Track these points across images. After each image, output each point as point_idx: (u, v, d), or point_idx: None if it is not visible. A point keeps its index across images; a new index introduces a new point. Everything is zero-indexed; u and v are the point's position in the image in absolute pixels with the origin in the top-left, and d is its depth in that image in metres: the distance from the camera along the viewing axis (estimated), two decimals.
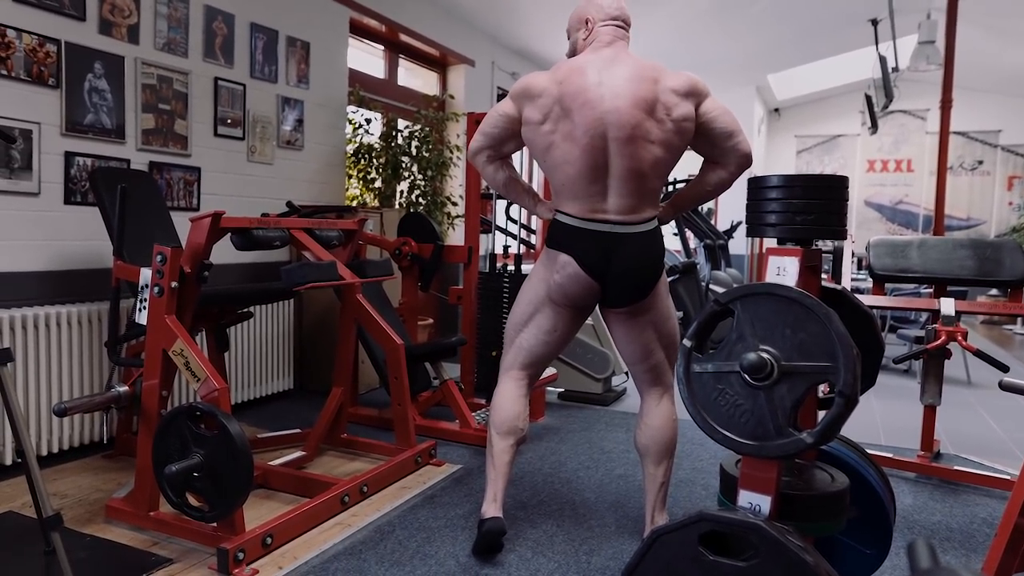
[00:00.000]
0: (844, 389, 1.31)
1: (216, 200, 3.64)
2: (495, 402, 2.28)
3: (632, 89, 2.00)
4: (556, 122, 2.04)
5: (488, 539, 2.14)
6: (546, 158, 2.10)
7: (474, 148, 2.20)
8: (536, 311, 2.22)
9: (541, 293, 2.20)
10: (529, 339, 2.25)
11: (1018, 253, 2.87)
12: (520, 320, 2.26)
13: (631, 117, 1.98)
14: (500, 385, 2.30)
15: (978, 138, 10.65)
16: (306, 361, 4.21)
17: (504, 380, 2.29)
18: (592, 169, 2.02)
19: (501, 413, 2.25)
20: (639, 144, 1.99)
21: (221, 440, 1.97)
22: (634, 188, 2.04)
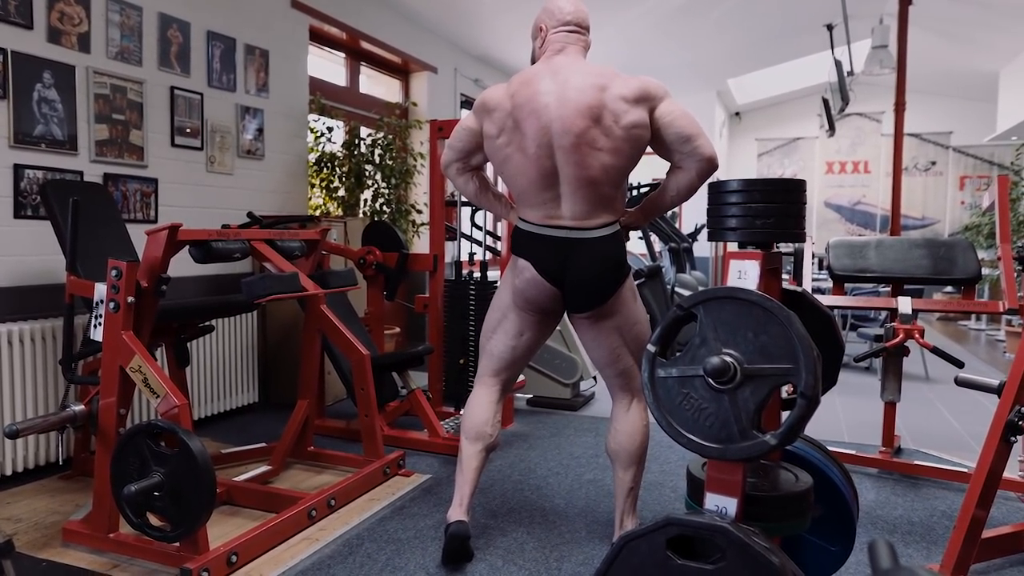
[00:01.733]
0: (806, 390, 1.33)
1: (175, 212, 3.57)
2: (466, 408, 2.32)
3: (578, 97, 2.00)
4: (510, 134, 2.07)
5: (452, 544, 2.12)
6: (503, 170, 2.15)
7: (444, 162, 2.26)
8: (504, 317, 2.25)
9: (507, 299, 2.24)
10: (498, 345, 2.27)
11: (971, 252, 2.95)
12: (491, 327, 2.29)
13: (575, 126, 1.98)
14: (473, 392, 2.34)
15: (931, 139, 10.95)
16: (271, 373, 4.14)
17: (476, 387, 2.33)
18: (543, 177, 2.05)
19: (470, 419, 2.28)
20: (585, 152, 2.00)
21: (182, 457, 1.92)
22: (586, 195, 2.05)
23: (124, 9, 3.30)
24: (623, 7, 6.19)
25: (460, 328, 3.71)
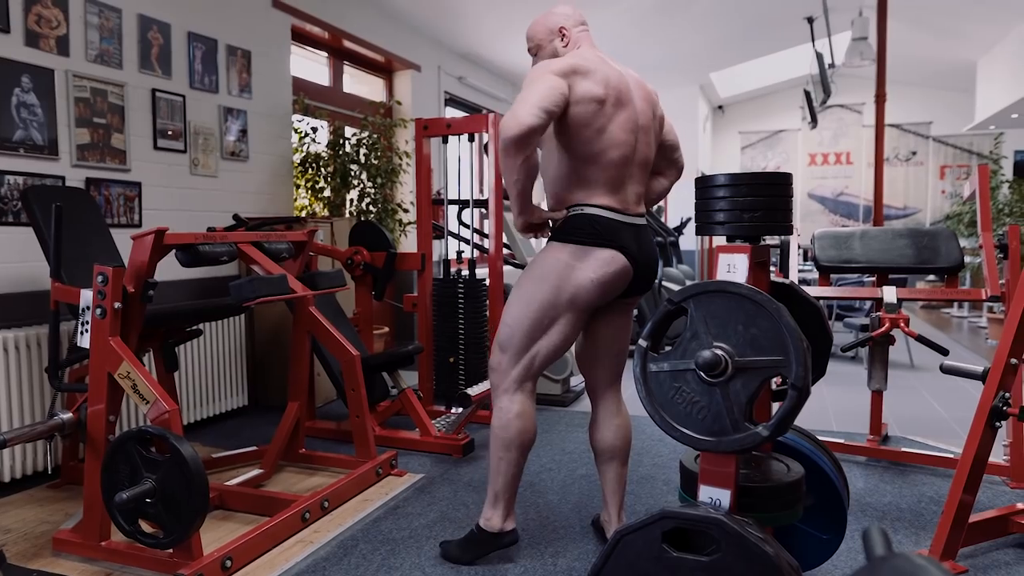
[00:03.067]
0: (796, 382, 1.34)
1: (159, 215, 3.54)
2: (517, 420, 2.08)
3: (643, 86, 2.11)
4: (614, 105, 1.98)
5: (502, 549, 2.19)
6: (593, 142, 1.97)
7: (532, 126, 1.80)
8: (557, 317, 2.03)
9: (563, 297, 2.01)
10: (549, 347, 2.07)
11: (953, 241, 2.98)
12: (535, 327, 2.04)
13: (647, 112, 2.08)
14: (517, 403, 2.09)
15: (911, 130, 11.06)
16: (260, 376, 4.12)
17: (520, 394, 2.10)
18: (627, 157, 2.03)
19: (527, 432, 2.09)
20: (650, 139, 2.11)
21: (173, 463, 1.91)
22: (643, 180, 2.14)
23: (103, 11, 3.27)
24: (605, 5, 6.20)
25: (449, 327, 3.71)
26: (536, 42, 2.18)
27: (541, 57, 2.17)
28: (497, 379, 2.12)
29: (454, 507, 2.61)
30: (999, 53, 8.25)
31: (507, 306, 2.11)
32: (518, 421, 2.08)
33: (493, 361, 2.13)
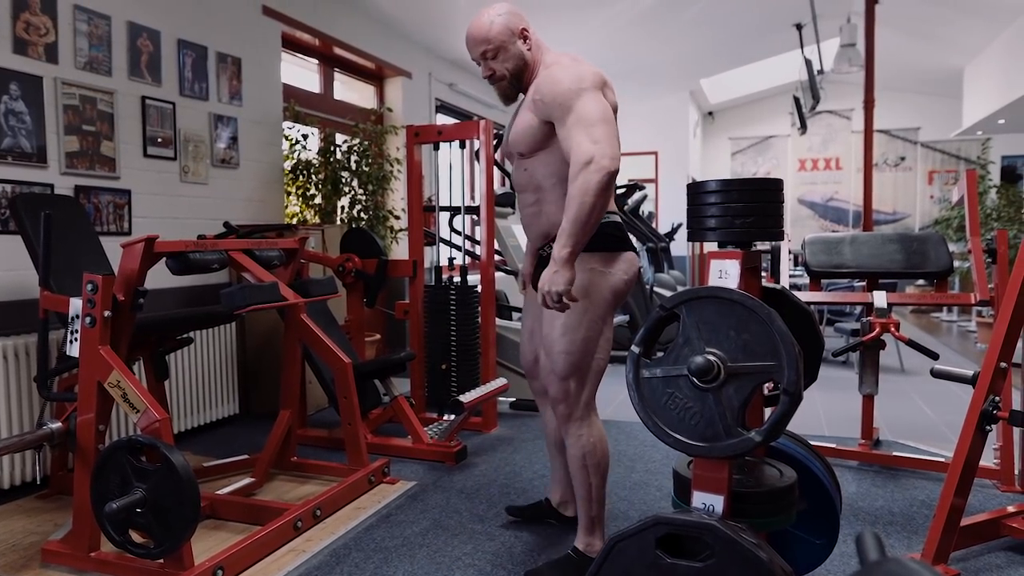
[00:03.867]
0: (788, 387, 1.34)
1: (149, 223, 3.53)
2: (601, 446, 2.06)
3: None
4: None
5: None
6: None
7: (616, 164, 1.80)
8: (604, 325, 2.02)
9: (604, 305, 2.00)
10: (602, 357, 2.05)
11: (942, 245, 3.01)
12: (591, 345, 2.00)
13: None
14: (595, 428, 2.06)
15: (900, 135, 11.15)
16: (251, 384, 4.10)
17: (592, 417, 2.07)
18: None
19: (609, 453, 2.11)
20: None
21: (164, 472, 1.90)
22: None
23: (92, 19, 3.26)
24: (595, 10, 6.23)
25: (441, 333, 3.71)
26: (496, 44, 2.00)
27: (502, 60, 2.02)
28: (568, 409, 2.03)
29: (447, 515, 2.60)
30: (985, 60, 8.34)
31: (556, 333, 1.98)
32: (602, 445, 2.06)
33: (559, 393, 2.02)
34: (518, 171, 2.10)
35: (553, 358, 2.00)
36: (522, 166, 2.06)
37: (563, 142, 1.87)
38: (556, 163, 1.98)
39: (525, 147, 2.02)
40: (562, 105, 1.87)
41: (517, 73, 2.05)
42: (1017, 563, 2.19)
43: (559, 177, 1.98)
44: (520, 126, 2.02)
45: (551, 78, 1.94)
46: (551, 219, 2.03)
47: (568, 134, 1.85)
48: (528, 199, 2.10)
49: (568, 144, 1.84)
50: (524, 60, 2.05)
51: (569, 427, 2.04)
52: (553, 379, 2.02)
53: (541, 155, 2.01)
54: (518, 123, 2.05)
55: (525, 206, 2.13)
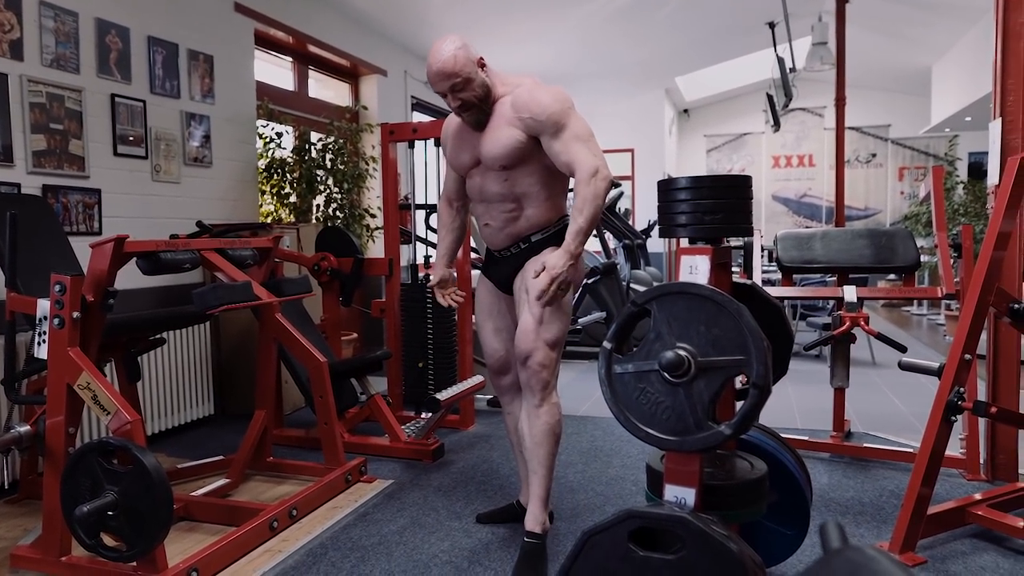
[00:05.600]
0: (757, 380, 1.37)
1: (120, 223, 3.48)
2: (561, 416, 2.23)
3: None
4: None
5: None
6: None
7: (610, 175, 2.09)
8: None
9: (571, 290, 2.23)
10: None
11: (910, 241, 3.06)
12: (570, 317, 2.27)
13: None
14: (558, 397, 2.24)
15: (871, 132, 11.31)
16: (226, 385, 4.06)
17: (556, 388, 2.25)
18: None
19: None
20: None
21: (136, 475, 1.88)
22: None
23: (59, 15, 3.20)
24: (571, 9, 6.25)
25: (418, 332, 3.70)
26: (463, 76, 2.11)
27: (470, 90, 2.13)
28: (549, 376, 2.17)
29: (424, 512, 2.60)
30: (952, 58, 8.49)
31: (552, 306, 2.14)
32: (561, 415, 2.23)
33: (546, 359, 2.15)
34: (494, 182, 2.21)
35: (546, 325, 2.15)
36: (502, 177, 2.20)
37: (559, 155, 2.07)
38: (539, 172, 2.17)
39: (509, 160, 2.15)
40: (556, 123, 2.07)
41: (484, 98, 2.17)
42: (981, 549, 2.24)
43: (542, 184, 2.19)
44: (504, 142, 2.15)
45: (536, 99, 2.10)
46: (532, 222, 2.22)
47: (566, 148, 2.06)
48: (504, 207, 2.23)
49: (568, 157, 2.05)
50: (487, 86, 2.18)
51: (546, 395, 2.18)
52: (541, 347, 2.14)
53: (525, 167, 2.17)
54: (500, 139, 2.16)
55: (499, 213, 2.24)
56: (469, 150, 2.25)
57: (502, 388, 2.42)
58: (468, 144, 2.25)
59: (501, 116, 2.16)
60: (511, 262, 2.28)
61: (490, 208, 2.25)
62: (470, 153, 2.25)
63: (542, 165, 2.16)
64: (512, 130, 2.13)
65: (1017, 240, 2.63)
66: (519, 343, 2.17)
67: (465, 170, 2.30)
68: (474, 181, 2.27)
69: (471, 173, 2.28)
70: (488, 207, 2.25)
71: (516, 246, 2.25)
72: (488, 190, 2.23)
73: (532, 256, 2.22)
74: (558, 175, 2.20)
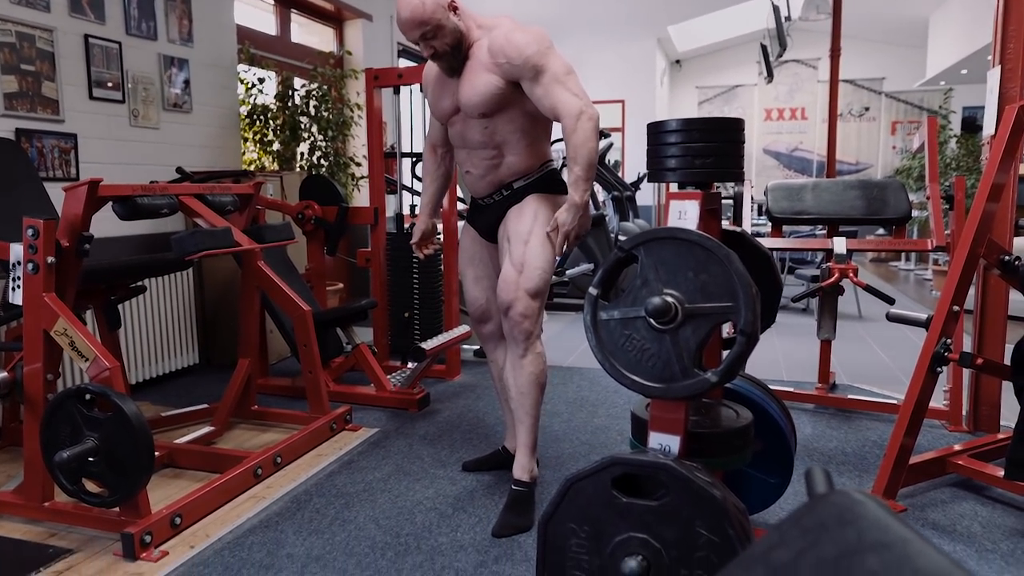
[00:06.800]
0: (745, 327, 1.34)
1: (98, 169, 3.39)
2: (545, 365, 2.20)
3: None
4: None
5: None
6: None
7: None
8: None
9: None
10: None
11: (902, 192, 3.03)
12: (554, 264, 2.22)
13: None
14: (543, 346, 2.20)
15: (865, 85, 11.17)
16: (211, 334, 4.03)
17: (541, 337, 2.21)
18: None
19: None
20: None
21: (116, 421, 1.85)
22: None
23: None
24: None
25: (404, 282, 3.67)
26: (433, 24, 2.02)
27: (441, 37, 2.04)
28: (531, 325, 2.13)
29: (409, 460, 2.61)
30: (950, 9, 8.34)
31: (532, 252, 2.10)
32: (545, 364, 2.21)
33: (528, 309, 2.10)
34: (474, 130, 2.16)
35: (527, 275, 2.10)
36: (482, 125, 2.14)
37: (541, 99, 2.00)
38: (519, 119, 2.11)
39: (487, 108, 2.09)
40: (535, 66, 1.99)
41: (456, 45, 2.10)
42: (961, 498, 2.27)
43: (523, 131, 2.12)
44: (481, 88, 2.07)
45: (512, 42, 2.01)
46: (513, 168, 2.17)
47: (547, 91, 1.98)
48: (486, 154, 2.18)
49: (550, 100, 1.98)
50: (460, 31, 2.09)
51: (529, 345, 2.15)
52: (522, 297, 2.10)
53: (505, 114, 2.10)
54: (477, 86, 2.08)
55: (480, 160, 2.19)
56: (449, 97, 2.19)
57: (484, 336, 2.40)
58: (447, 91, 2.19)
59: (477, 61, 2.09)
60: (494, 209, 2.24)
61: (471, 155, 2.20)
62: (450, 100, 2.18)
63: (523, 111, 2.10)
64: (489, 76, 2.06)
65: (1011, 192, 2.60)
66: (500, 293, 2.14)
67: (446, 117, 2.23)
68: (455, 128, 2.22)
69: (452, 120, 2.22)
70: (469, 154, 2.21)
71: (499, 193, 2.21)
72: (469, 137, 2.18)
73: (515, 203, 2.18)
74: (540, 120, 2.15)
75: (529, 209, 2.16)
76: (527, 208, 2.16)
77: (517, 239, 2.14)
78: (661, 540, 1.33)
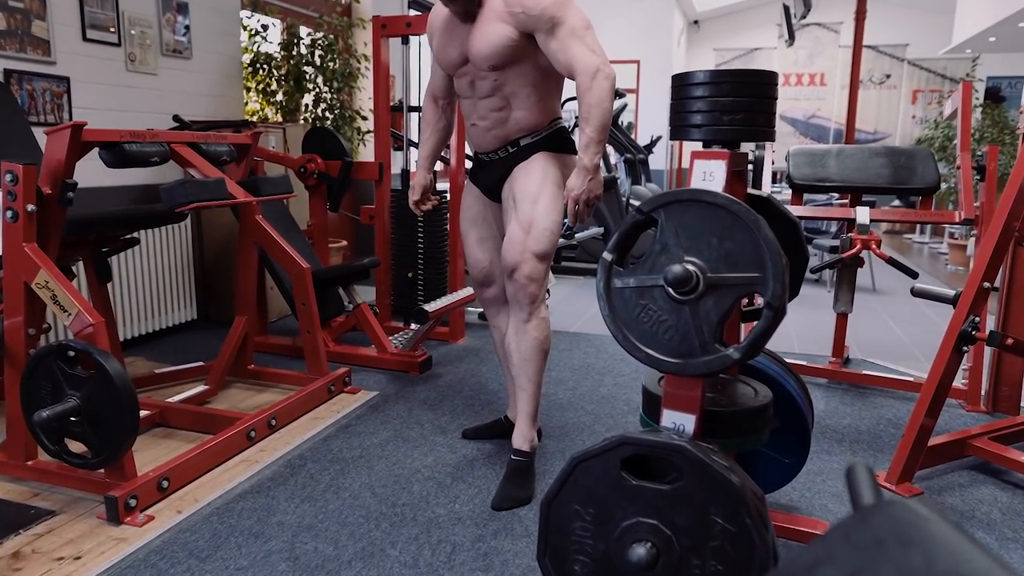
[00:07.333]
0: (773, 301, 1.23)
1: (91, 115, 3.26)
2: (550, 331, 2.12)
3: None
4: None
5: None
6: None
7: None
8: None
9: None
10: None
11: (930, 161, 2.88)
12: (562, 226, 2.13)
13: None
14: (548, 311, 2.12)
15: (887, 52, 10.85)
16: (211, 289, 3.94)
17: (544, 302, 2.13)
18: None
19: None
20: None
21: (99, 380, 1.76)
22: None
23: None
24: None
25: (408, 241, 3.55)
26: None
27: None
28: (537, 289, 2.04)
29: (408, 426, 2.52)
30: None
31: (541, 212, 2.00)
32: (550, 329, 2.12)
33: (534, 272, 2.01)
34: (483, 82, 2.03)
35: (535, 236, 1.99)
36: (492, 78, 2.01)
37: (556, 54, 1.89)
38: (531, 73, 1.99)
39: (499, 60, 1.96)
40: (551, 18, 1.88)
41: None
42: (980, 482, 2.18)
43: (534, 86, 2.01)
44: (493, 40, 1.94)
45: None
46: (520, 124, 2.05)
47: (563, 46, 1.87)
48: (493, 104, 2.05)
49: (566, 56, 1.87)
50: None
51: (534, 310, 2.06)
52: (529, 259, 2.00)
53: (517, 67, 1.98)
54: (489, 37, 1.95)
55: (487, 112, 2.07)
56: (457, 46, 2.04)
57: (486, 300, 2.30)
58: (456, 39, 2.04)
59: (491, 10, 1.95)
60: (499, 167, 2.11)
61: (477, 106, 2.07)
62: (458, 49, 2.04)
63: (535, 65, 1.98)
64: (503, 26, 1.93)
65: None
66: (506, 254, 2.03)
67: (453, 68, 2.09)
68: (462, 80, 2.08)
69: (459, 72, 2.08)
70: (475, 105, 2.08)
71: (504, 149, 2.09)
72: (476, 88, 2.05)
73: (521, 161, 2.06)
74: (552, 76, 2.02)
75: (537, 167, 2.04)
76: (535, 166, 2.04)
77: (525, 198, 2.02)
78: (672, 527, 1.24)
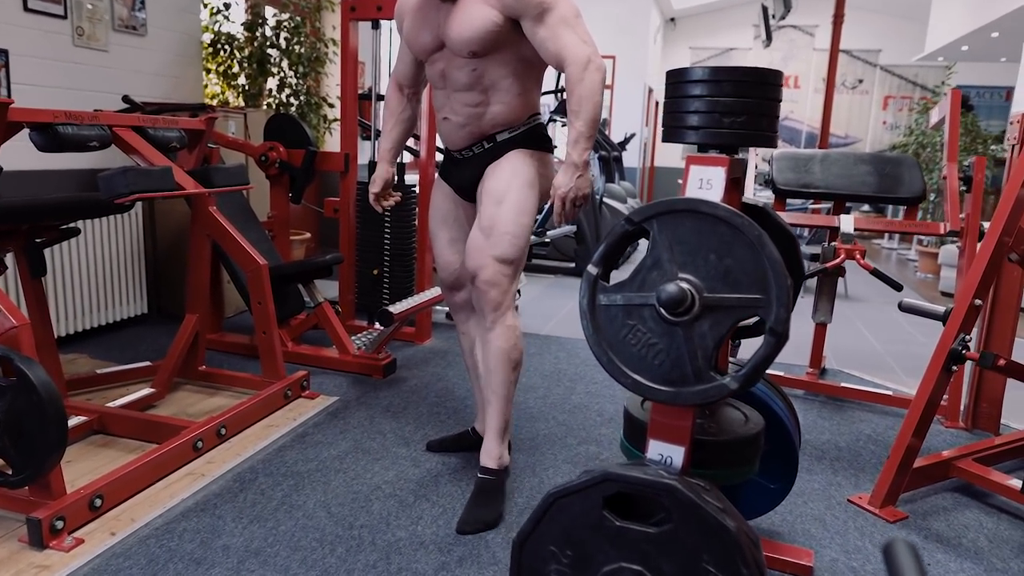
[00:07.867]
0: (776, 326, 1.11)
1: (34, 92, 3.02)
2: (521, 341, 1.96)
3: None
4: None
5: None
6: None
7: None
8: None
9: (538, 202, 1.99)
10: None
11: (916, 170, 2.81)
12: (532, 229, 2.00)
13: None
14: (517, 319, 1.96)
15: (860, 56, 10.91)
16: (163, 281, 3.72)
17: (514, 310, 1.97)
18: None
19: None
20: None
21: (20, 389, 1.58)
22: None
23: None
24: None
25: (374, 236, 3.39)
26: None
27: None
28: (501, 296, 1.89)
29: (369, 435, 2.37)
30: None
31: (504, 215, 1.86)
32: (521, 339, 1.97)
33: (496, 277, 1.86)
34: (459, 71, 1.86)
35: (497, 239, 1.86)
36: (470, 66, 1.85)
37: (545, 42, 1.76)
38: (513, 62, 1.85)
39: (480, 46, 1.80)
40: (541, 3, 1.75)
41: None
42: (963, 505, 2.11)
43: (515, 76, 1.87)
44: (475, 23, 1.78)
45: None
46: (497, 119, 1.91)
47: (553, 34, 1.75)
48: (469, 98, 1.89)
49: (556, 44, 1.74)
50: None
51: (499, 316, 1.91)
52: (490, 263, 1.86)
53: (498, 55, 1.84)
54: (471, 20, 1.78)
55: (462, 106, 1.91)
56: (432, 28, 1.87)
57: (456, 305, 2.16)
58: (431, 21, 1.87)
59: None
60: (472, 164, 1.96)
61: (452, 98, 1.91)
62: (432, 33, 1.87)
63: (518, 55, 1.84)
64: (487, 9, 1.77)
65: None
66: (468, 257, 1.89)
67: (425, 53, 1.92)
68: (435, 67, 1.91)
69: (432, 58, 1.91)
70: (449, 97, 1.91)
71: (479, 145, 1.94)
72: (451, 78, 1.89)
73: (497, 158, 1.91)
74: (534, 66, 1.88)
75: (507, 165, 1.89)
76: (504, 164, 1.90)
77: (489, 199, 1.88)
78: (659, 574, 1.11)
